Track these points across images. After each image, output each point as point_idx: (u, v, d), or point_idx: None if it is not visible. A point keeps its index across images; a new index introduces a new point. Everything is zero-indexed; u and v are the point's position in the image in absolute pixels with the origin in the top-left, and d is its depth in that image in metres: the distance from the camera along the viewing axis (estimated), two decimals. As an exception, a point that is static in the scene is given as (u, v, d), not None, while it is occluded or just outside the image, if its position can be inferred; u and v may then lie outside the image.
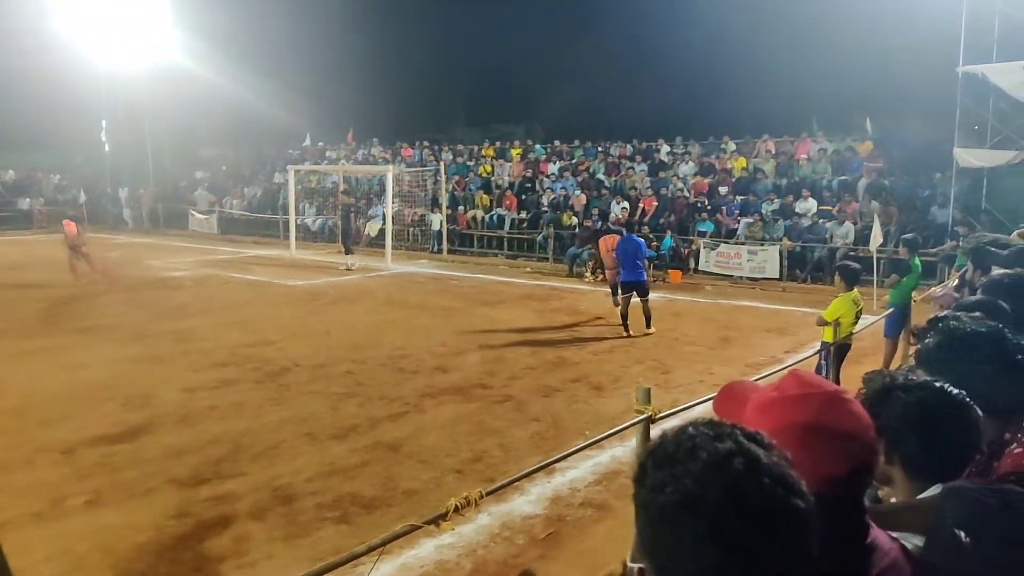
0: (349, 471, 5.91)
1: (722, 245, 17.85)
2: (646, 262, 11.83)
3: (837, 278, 7.36)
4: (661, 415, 3.75)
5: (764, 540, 0.93)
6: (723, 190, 20.09)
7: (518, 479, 3.54)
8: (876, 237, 13.14)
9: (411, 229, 24.07)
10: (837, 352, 6.93)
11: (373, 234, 23.49)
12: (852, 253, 15.43)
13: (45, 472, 5.74)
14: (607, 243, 12.53)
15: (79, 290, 14.44)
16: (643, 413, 3.69)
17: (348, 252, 19.43)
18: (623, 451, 6.24)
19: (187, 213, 29.65)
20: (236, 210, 28.68)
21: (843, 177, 18.97)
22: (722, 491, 0.94)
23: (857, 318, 7.10)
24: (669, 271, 17.58)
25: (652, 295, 11.68)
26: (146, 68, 30.51)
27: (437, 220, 23.05)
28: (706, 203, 19.58)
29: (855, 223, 16.92)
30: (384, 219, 21.25)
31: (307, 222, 26.18)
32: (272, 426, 6.92)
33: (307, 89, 33.08)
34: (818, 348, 7.39)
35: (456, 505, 2.80)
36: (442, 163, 24.71)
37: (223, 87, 30.92)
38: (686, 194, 20.30)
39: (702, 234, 18.53)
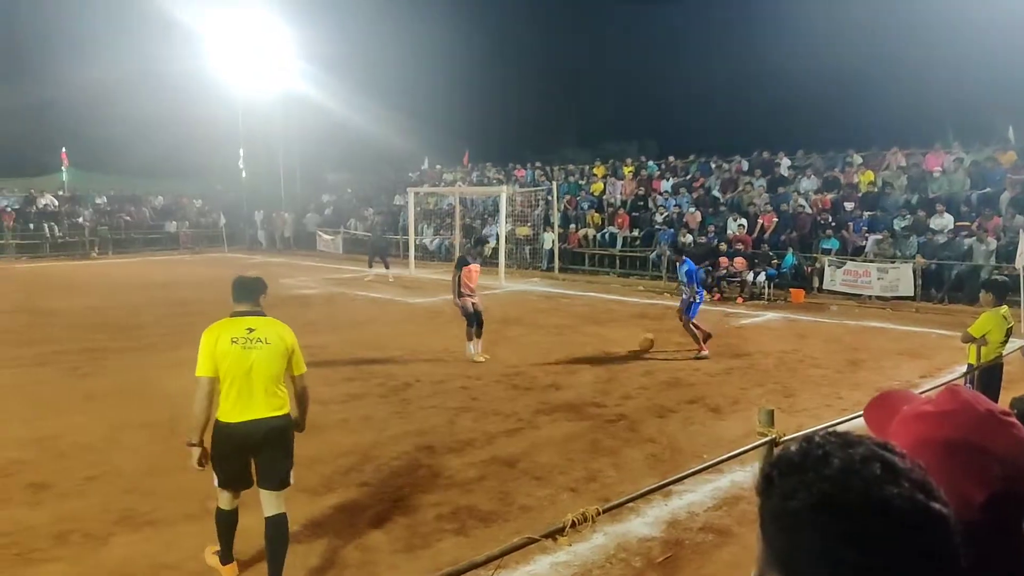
0: (467, 484, 6.04)
1: (849, 263, 17.06)
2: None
3: (984, 293, 6.90)
4: (785, 438, 3.62)
5: (906, 544, 0.88)
6: (849, 205, 19.22)
7: (635, 498, 3.52)
8: (1022, 254, 12.23)
9: (523, 248, 24.34)
10: (988, 374, 6.47)
11: (487, 253, 23.94)
12: (996, 271, 14.40)
13: (196, 477, 6.15)
14: None
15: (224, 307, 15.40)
16: (766, 436, 3.58)
17: (385, 266, 20.88)
18: (744, 476, 6.07)
19: (315, 234, 31.20)
20: (359, 231, 29.90)
21: (984, 190, 17.76)
22: (861, 493, 0.89)
23: (1007, 336, 6.62)
24: (791, 290, 16.95)
25: (773, 315, 11.34)
26: (277, 99, 32.47)
27: (549, 239, 23.22)
28: (830, 219, 18.80)
29: (998, 239, 15.79)
30: (497, 238, 21.63)
31: (425, 242, 26.97)
32: (396, 439, 7.17)
33: (425, 115, 34.28)
34: (960, 372, 6.93)
35: (573, 520, 2.81)
36: (554, 183, 24.91)
37: (347, 116, 32.52)
38: (808, 210, 19.56)
39: (826, 251, 17.79)
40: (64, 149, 34.64)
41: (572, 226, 24.00)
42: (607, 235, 22.98)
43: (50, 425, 7.56)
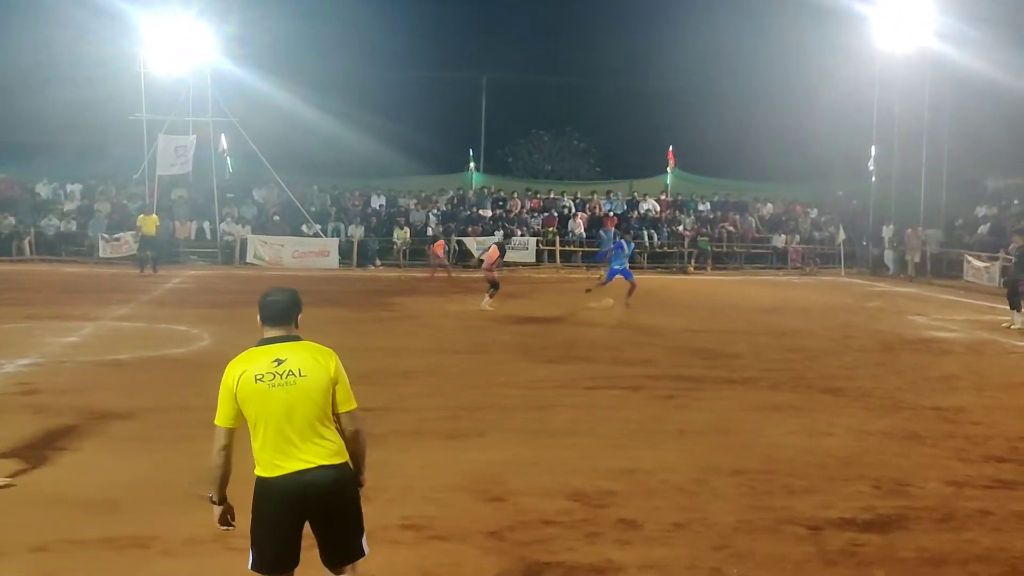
0: None
1: None
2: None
3: None
4: None
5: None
6: None
7: None
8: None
9: None
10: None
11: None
12: None
13: (791, 547, 6.60)
14: None
15: (831, 344, 16.06)
16: None
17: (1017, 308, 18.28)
18: None
19: (962, 259, 29.65)
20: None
21: None
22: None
23: None
24: None
25: None
26: (922, 76, 31.45)
27: None
28: None
29: None
30: None
31: None
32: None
33: None
34: None
35: None
36: None
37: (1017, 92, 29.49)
38: None
39: None
40: (671, 147, 39.49)
41: None
42: None
43: (641, 456, 8.81)
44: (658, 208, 36.93)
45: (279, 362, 4.33)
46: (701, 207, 37.60)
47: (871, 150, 34.48)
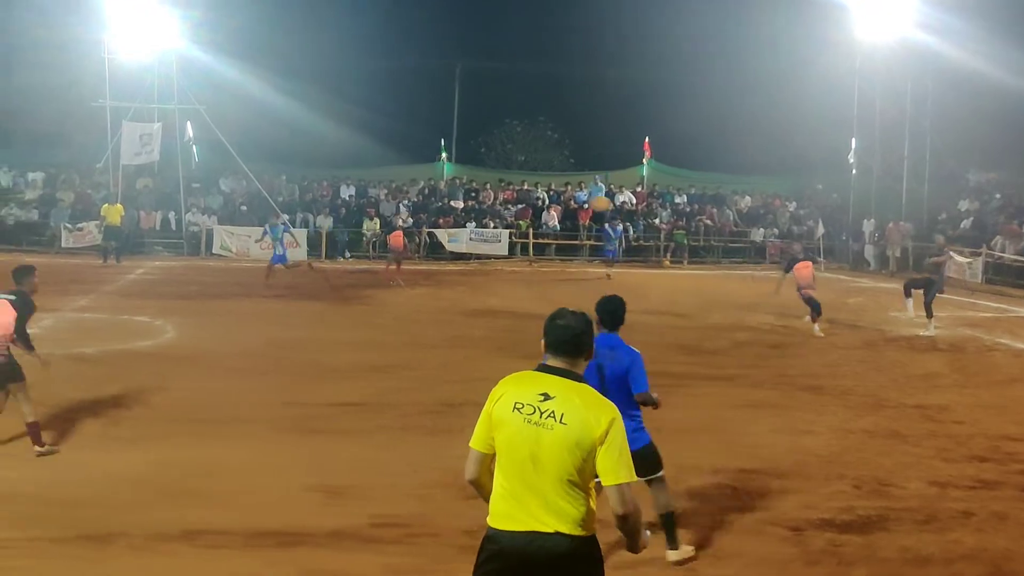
0: None
1: None
2: None
3: None
4: None
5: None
6: None
7: None
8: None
9: None
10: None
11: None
12: None
13: (774, 548, 6.71)
14: None
15: (813, 341, 16.21)
16: None
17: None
18: None
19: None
20: (1008, 254, 27.71)
21: None
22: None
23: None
24: None
25: None
26: (903, 69, 31.70)
27: None
28: None
29: None
30: None
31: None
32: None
33: None
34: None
35: None
36: None
37: (1003, 83, 29.65)
38: None
39: None
40: (647, 138, 39.45)
41: None
42: None
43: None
44: (634, 200, 36.97)
45: (545, 397, 3.80)
46: (678, 199, 37.66)
47: (851, 143, 34.65)
